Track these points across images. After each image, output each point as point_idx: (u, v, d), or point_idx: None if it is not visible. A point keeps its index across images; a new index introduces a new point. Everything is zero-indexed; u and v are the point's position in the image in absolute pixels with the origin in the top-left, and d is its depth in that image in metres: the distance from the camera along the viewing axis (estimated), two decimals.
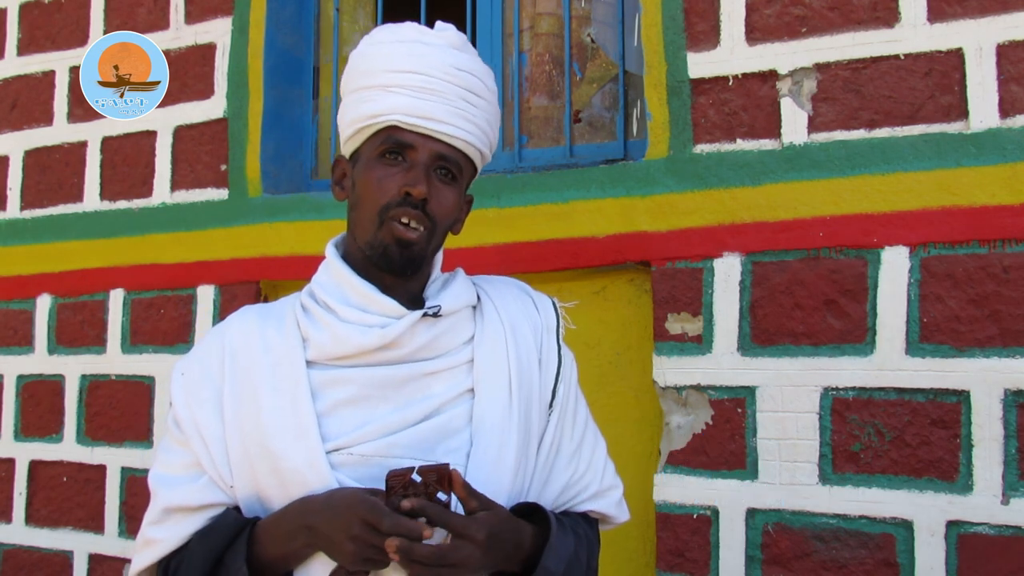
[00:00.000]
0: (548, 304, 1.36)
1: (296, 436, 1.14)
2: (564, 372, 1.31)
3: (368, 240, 1.20)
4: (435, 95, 1.19)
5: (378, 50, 1.24)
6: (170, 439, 1.23)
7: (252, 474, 1.15)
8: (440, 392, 1.19)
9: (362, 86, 1.23)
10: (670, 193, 2.07)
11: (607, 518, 1.34)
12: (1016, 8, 1.83)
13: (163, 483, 1.20)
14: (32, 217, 2.89)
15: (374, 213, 1.19)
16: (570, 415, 1.31)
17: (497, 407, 1.20)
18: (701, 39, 2.09)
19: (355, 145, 1.25)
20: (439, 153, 1.20)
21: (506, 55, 2.55)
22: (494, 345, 1.24)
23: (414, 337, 1.19)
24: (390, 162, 1.20)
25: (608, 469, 1.34)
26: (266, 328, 1.23)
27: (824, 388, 1.91)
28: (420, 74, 1.19)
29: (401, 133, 1.19)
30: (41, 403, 2.82)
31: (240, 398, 1.18)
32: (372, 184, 1.19)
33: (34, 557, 2.78)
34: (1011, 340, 1.79)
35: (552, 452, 1.26)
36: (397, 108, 1.18)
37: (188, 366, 1.25)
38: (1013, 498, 1.76)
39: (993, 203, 1.81)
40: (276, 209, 2.51)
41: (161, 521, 1.18)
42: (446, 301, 1.23)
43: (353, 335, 1.17)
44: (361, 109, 1.21)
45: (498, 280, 1.38)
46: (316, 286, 1.25)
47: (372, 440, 1.15)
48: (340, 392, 1.17)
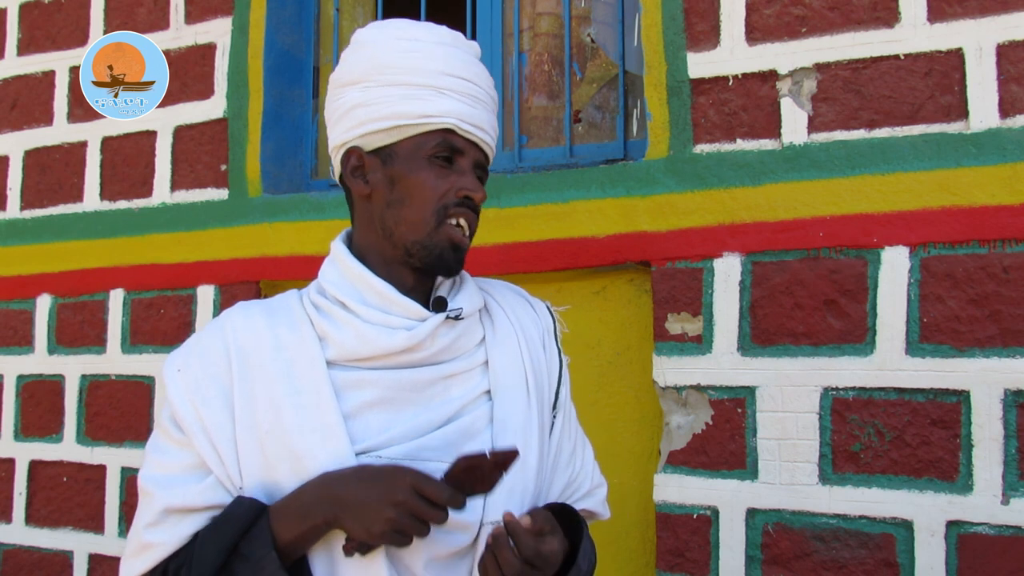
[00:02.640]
0: (544, 308, 1.38)
1: (324, 437, 1.12)
2: (565, 374, 1.34)
3: (420, 240, 1.18)
4: (480, 104, 1.22)
5: (420, 48, 1.20)
6: (165, 439, 1.18)
7: (269, 475, 1.12)
8: (459, 395, 1.20)
9: (406, 82, 1.18)
10: (670, 193, 2.07)
11: (594, 515, 1.37)
12: (1016, 8, 1.83)
13: (160, 484, 1.14)
14: (32, 217, 2.89)
15: (429, 213, 1.18)
16: (570, 416, 1.34)
17: (518, 408, 1.21)
18: (701, 39, 2.09)
19: (386, 140, 1.20)
20: (479, 161, 1.23)
21: (506, 55, 2.55)
22: (508, 346, 1.25)
23: (436, 340, 1.18)
24: (442, 164, 1.19)
25: (596, 468, 1.39)
26: (276, 326, 1.20)
27: (824, 388, 1.91)
28: (471, 82, 1.21)
29: (455, 138, 1.19)
30: (41, 403, 2.82)
31: (254, 397, 1.15)
32: (427, 184, 1.18)
33: (34, 557, 2.78)
34: (1011, 340, 1.79)
35: (555, 452, 1.28)
36: (453, 112, 1.18)
37: (185, 362, 1.19)
38: (1013, 498, 1.76)
39: (993, 203, 1.81)
40: (276, 209, 2.51)
41: (159, 523, 1.13)
42: (465, 304, 1.23)
43: (379, 336, 1.16)
44: (409, 106, 1.17)
45: (498, 283, 1.38)
46: (328, 284, 1.22)
47: (401, 443, 1.14)
48: (364, 394, 1.16)
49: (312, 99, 2.76)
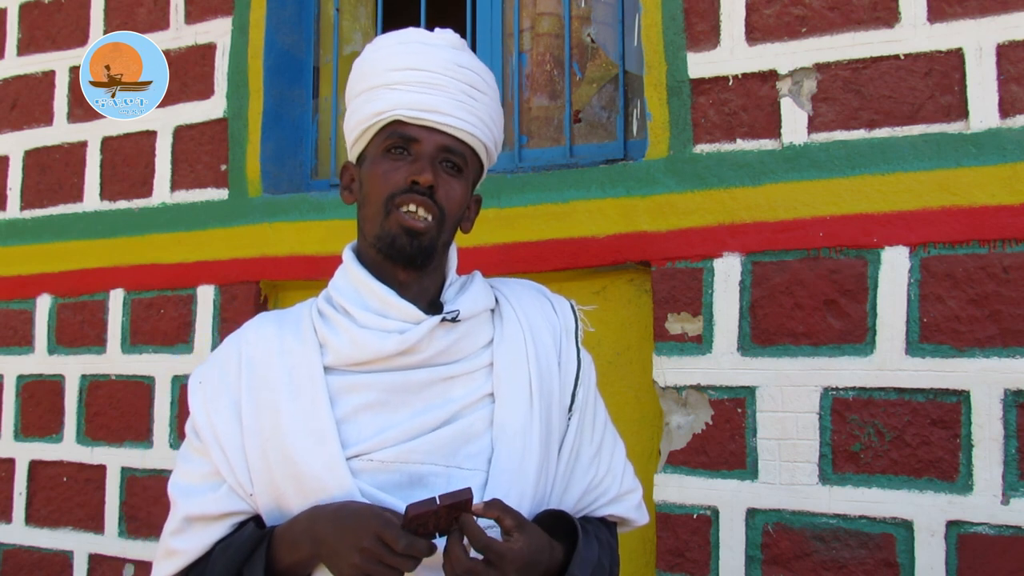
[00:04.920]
0: (566, 306, 1.36)
1: (316, 442, 1.14)
2: (583, 375, 1.30)
3: (376, 233, 1.20)
4: (437, 89, 1.20)
5: (381, 53, 1.25)
6: (189, 448, 1.23)
7: (272, 481, 1.15)
8: (459, 397, 1.19)
9: (365, 88, 1.23)
10: (670, 193, 2.07)
11: (627, 521, 1.34)
12: (1016, 8, 1.83)
13: (183, 492, 1.20)
14: (32, 217, 2.89)
15: (380, 204, 1.19)
16: (589, 419, 1.30)
17: (519, 412, 1.20)
18: (701, 39, 2.09)
19: (361, 147, 1.26)
20: (444, 145, 1.20)
21: (506, 55, 2.55)
22: (514, 349, 1.24)
23: (432, 342, 1.19)
24: (396, 156, 1.20)
25: (627, 472, 1.34)
26: (283, 334, 1.23)
27: (824, 388, 1.91)
28: (422, 70, 1.20)
29: (405, 127, 1.19)
30: (41, 403, 2.82)
31: (259, 404, 1.18)
32: (378, 178, 1.20)
33: (34, 557, 2.78)
34: (1011, 340, 1.79)
35: (572, 457, 1.26)
36: (400, 103, 1.19)
37: (206, 374, 1.25)
38: (1013, 498, 1.76)
39: (993, 203, 1.81)
40: (276, 209, 2.51)
41: (182, 531, 1.18)
42: (464, 306, 1.22)
43: (371, 340, 1.17)
44: (365, 109, 1.22)
45: (515, 282, 1.37)
46: (334, 290, 1.25)
47: (391, 446, 1.14)
48: (358, 398, 1.17)
49: (312, 99, 2.76)
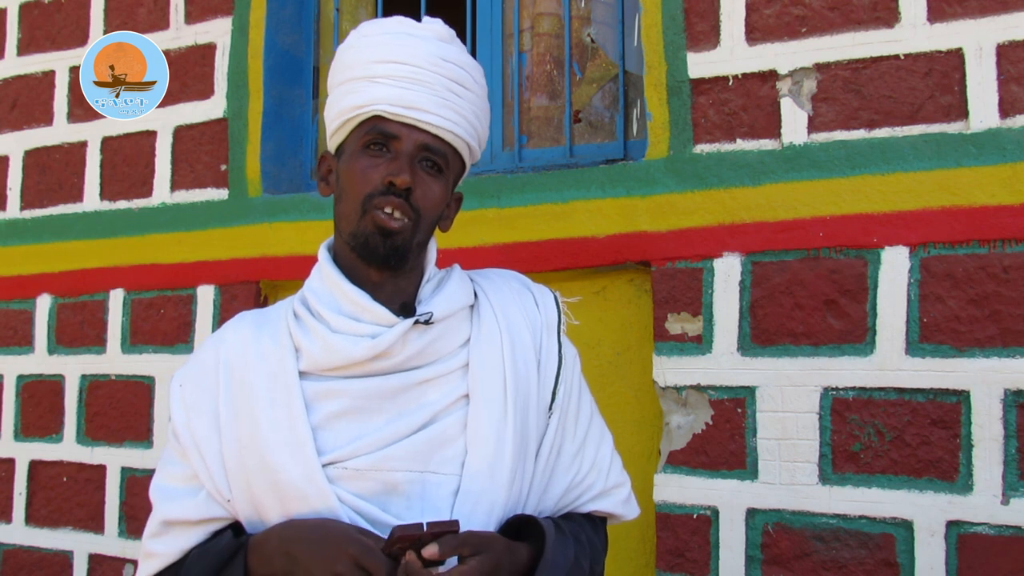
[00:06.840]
0: (549, 299, 1.33)
1: (292, 450, 1.12)
2: (564, 373, 1.27)
3: (351, 231, 1.18)
4: (420, 84, 1.16)
5: (363, 42, 1.22)
6: (171, 450, 1.22)
7: (250, 488, 1.13)
8: (434, 400, 1.17)
9: (347, 78, 1.20)
10: (670, 193, 2.07)
11: (614, 516, 1.32)
12: (1016, 8, 1.83)
13: (163, 496, 1.19)
14: (32, 217, 2.89)
15: (357, 203, 1.16)
16: (572, 415, 1.28)
17: (492, 415, 1.17)
18: (701, 39, 2.09)
19: (340, 139, 1.23)
20: (424, 144, 1.17)
21: (506, 55, 2.55)
22: (490, 349, 1.21)
23: (406, 346, 1.16)
24: (374, 153, 1.17)
25: (614, 466, 1.31)
26: (261, 336, 1.21)
27: (824, 388, 1.91)
28: (405, 64, 1.17)
29: (385, 123, 1.16)
30: (41, 403, 2.82)
31: (237, 410, 1.16)
32: (356, 175, 1.17)
33: (34, 557, 2.78)
34: (1011, 340, 1.79)
35: (553, 455, 1.23)
36: (381, 98, 1.16)
37: (185, 376, 1.23)
38: (1013, 498, 1.76)
39: (993, 203, 1.81)
40: (276, 209, 2.51)
41: (160, 534, 1.17)
42: (439, 307, 1.19)
43: (343, 346, 1.15)
44: (345, 101, 1.19)
45: (496, 275, 1.34)
46: (308, 292, 1.23)
47: (367, 454, 1.13)
48: (333, 404, 1.15)
49: (312, 99, 2.75)
